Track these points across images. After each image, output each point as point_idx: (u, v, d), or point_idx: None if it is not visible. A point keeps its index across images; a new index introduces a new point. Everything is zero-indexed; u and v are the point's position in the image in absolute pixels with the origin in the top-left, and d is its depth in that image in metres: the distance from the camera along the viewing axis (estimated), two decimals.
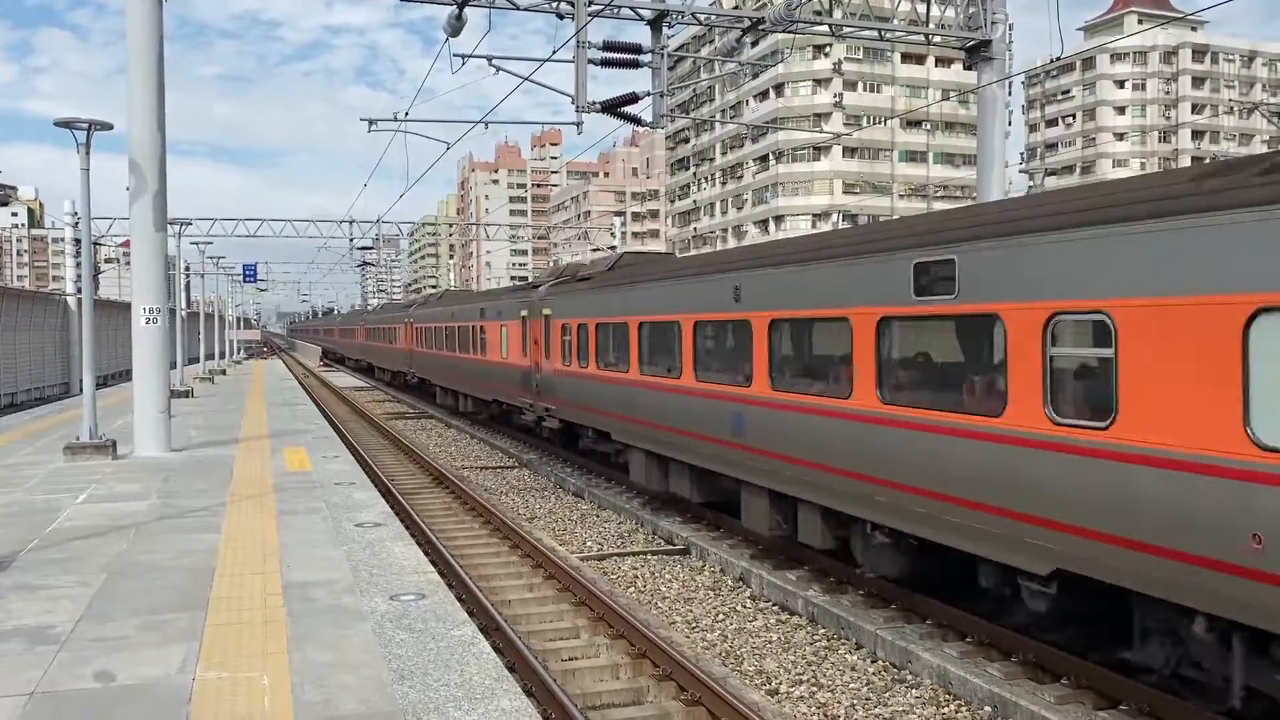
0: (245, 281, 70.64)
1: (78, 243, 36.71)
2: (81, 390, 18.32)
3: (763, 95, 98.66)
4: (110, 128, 16.13)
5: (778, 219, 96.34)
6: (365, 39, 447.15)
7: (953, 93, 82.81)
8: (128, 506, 12.52)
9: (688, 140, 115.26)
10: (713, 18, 21.61)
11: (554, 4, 19.31)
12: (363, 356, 63.78)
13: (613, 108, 20.01)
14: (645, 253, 22.65)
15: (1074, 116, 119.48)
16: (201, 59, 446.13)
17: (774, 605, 11.81)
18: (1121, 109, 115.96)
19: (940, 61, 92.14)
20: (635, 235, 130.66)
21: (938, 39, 21.99)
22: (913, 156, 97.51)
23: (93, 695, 6.22)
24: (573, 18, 19.17)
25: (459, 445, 27.59)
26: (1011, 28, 21.32)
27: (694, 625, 11.15)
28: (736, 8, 26.17)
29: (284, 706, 6.01)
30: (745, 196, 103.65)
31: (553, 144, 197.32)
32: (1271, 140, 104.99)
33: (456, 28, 18.39)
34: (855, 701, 8.90)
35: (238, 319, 78.85)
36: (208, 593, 8.49)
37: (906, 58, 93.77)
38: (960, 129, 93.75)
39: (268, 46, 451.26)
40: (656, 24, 20.05)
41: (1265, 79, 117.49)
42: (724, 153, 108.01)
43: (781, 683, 9.36)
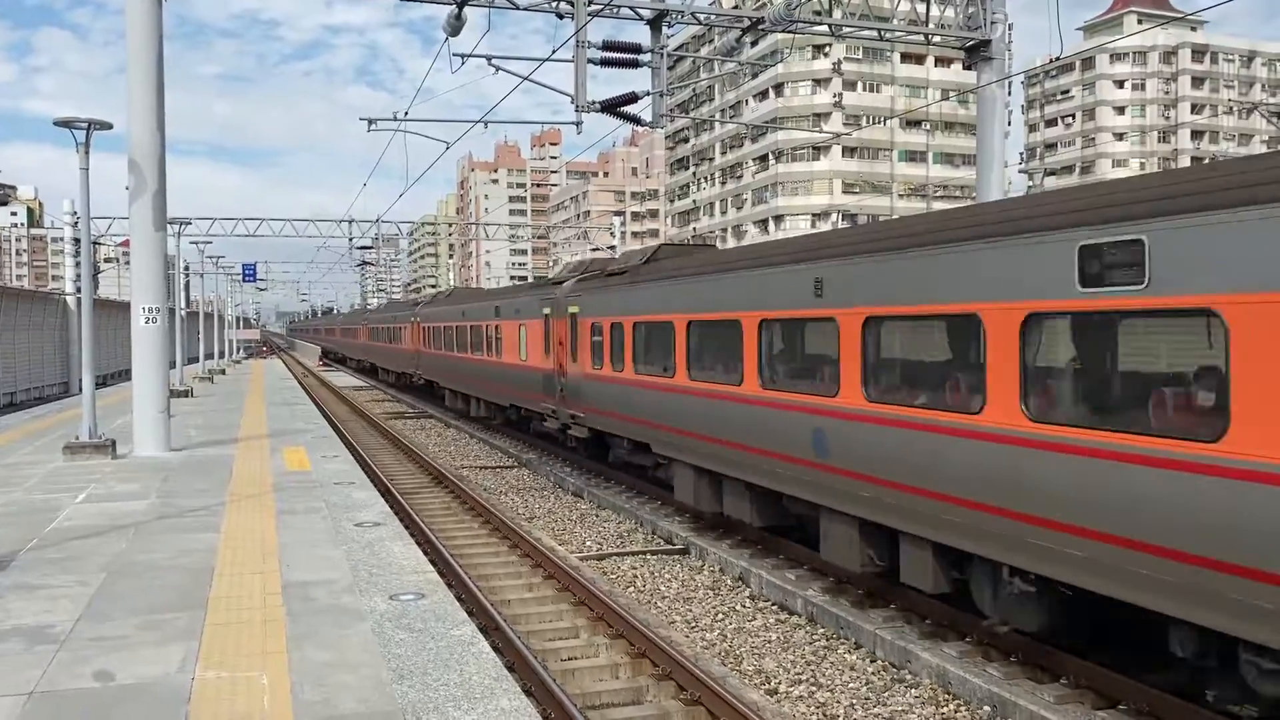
0: (244, 281, 70.58)
1: (77, 242, 36.72)
2: (81, 390, 18.32)
3: (762, 95, 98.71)
4: (110, 127, 16.14)
5: (777, 219, 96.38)
6: (365, 38, 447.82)
7: (952, 93, 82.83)
8: (127, 506, 12.52)
9: (687, 140, 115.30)
10: (712, 17, 21.60)
11: (553, 3, 19.31)
12: (365, 357, 62.15)
13: (612, 107, 20.03)
14: (686, 245, 20.76)
15: (1073, 116, 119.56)
16: (201, 58, 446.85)
17: (773, 605, 11.82)
18: (1121, 109, 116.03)
19: (940, 61, 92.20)
20: (635, 235, 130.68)
21: (937, 39, 22.00)
22: (912, 156, 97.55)
23: (92, 695, 6.22)
24: (572, 17, 19.18)
25: (458, 445, 27.60)
26: (1011, 28, 21.35)
27: (693, 625, 11.16)
28: (736, 7, 26.17)
29: (283, 706, 6.01)
30: (745, 196, 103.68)
31: (552, 144, 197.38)
32: (1271, 140, 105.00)
33: (456, 27, 18.40)
34: (854, 701, 8.91)
35: (237, 318, 78.84)
36: (207, 592, 8.49)
37: (906, 57, 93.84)
38: (960, 129, 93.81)
39: (267, 46, 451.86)
40: (656, 24, 20.07)
41: (1265, 79, 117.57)
42: (723, 152, 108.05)
43: (781, 682, 9.36)
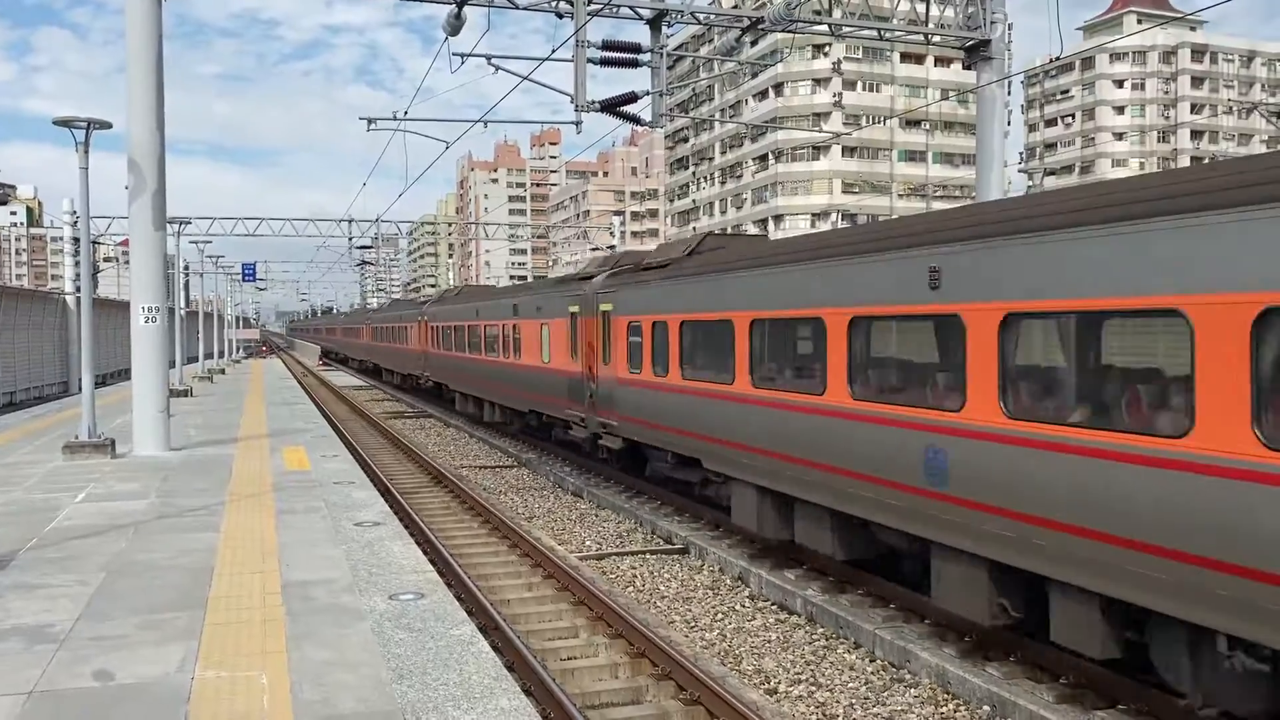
0: (244, 280, 70.56)
1: (76, 241, 36.74)
2: (80, 389, 18.32)
3: (762, 95, 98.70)
4: (109, 126, 16.15)
5: (777, 218, 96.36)
6: (365, 38, 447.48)
7: (952, 92, 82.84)
8: (127, 505, 12.52)
9: (687, 140, 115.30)
10: (712, 17, 21.62)
11: (553, 3, 19.31)
12: (368, 357, 60.14)
13: (612, 107, 20.04)
14: (734, 234, 18.93)
15: (1073, 116, 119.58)
16: (200, 58, 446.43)
17: (773, 604, 11.81)
18: (1120, 109, 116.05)
19: (939, 61, 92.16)
20: (634, 235, 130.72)
21: (937, 39, 22.01)
22: (912, 156, 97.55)
23: (91, 694, 6.22)
24: (572, 17, 19.19)
25: (458, 444, 27.60)
26: (1010, 27, 21.37)
27: (693, 624, 11.16)
28: (735, 7, 26.17)
29: (283, 705, 6.01)
30: (744, 196, 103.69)
31: (552, 143, 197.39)
32: (1271, 140, 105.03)
33: (456, 27, 18.40)
34: (854, 701, 8.91)
35: (236, 318, 78.82)
36: (207, 592, 8.49)
37: (906, 57, 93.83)
38: (959, 129, 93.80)
39: (267, 45, 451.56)
40: (656, 23, 20.09)
41: (1264, 79, 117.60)
42: (723, 152, 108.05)
43: (780, 682, 9.37)
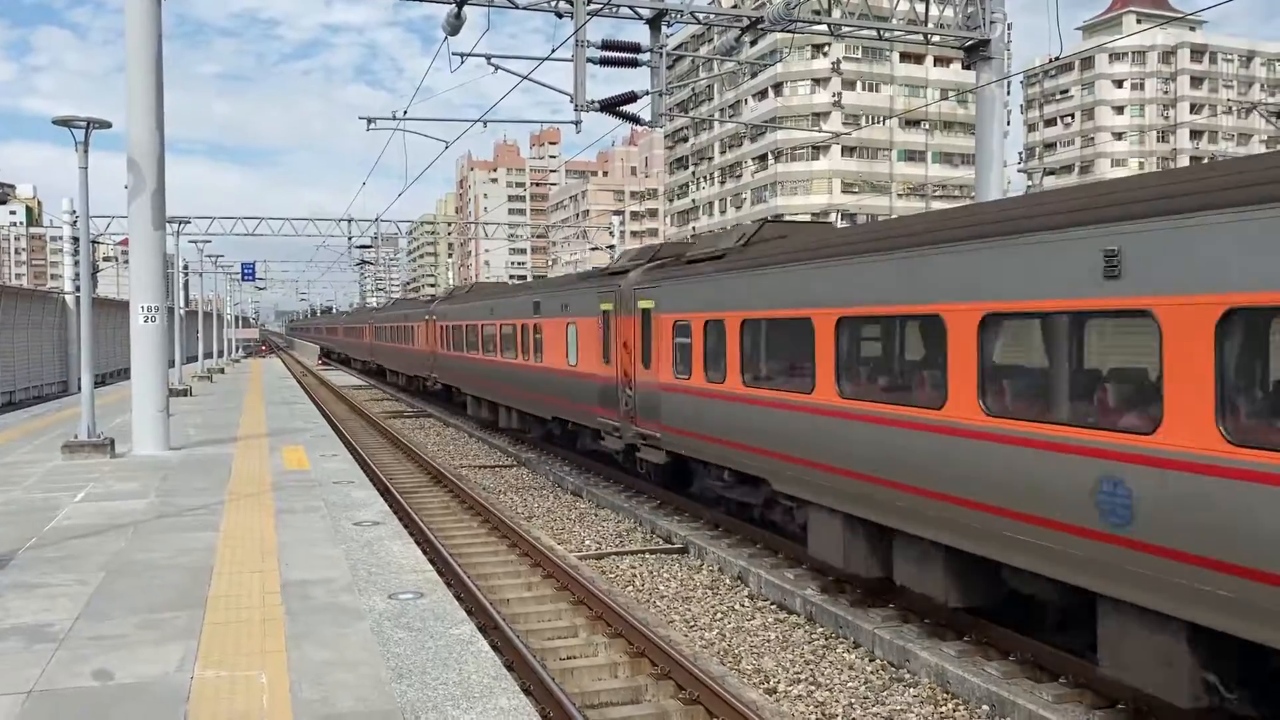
0: (243, 280, 70.59)
1: (76, 241, 36.73)
2: (80, 389, 18.31)
3: (761, 94, 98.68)
4: (109, 126, 16.16)
5: (776, 218, 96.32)
6: (364, 37, 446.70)
7: (951, 92, 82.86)
8: (126, 505, 12.52)
9: (686, 139, 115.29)
10: (711, 17, 21.63)
11: (553, 3, 19.31)
12: (371, 358, 58.10)
13: (611, 106, 20.04)
14: (797, 222, 16.78)
15: (1072, 116, 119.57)
16: (200, 57, 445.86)
17: (772, 604, 11.82)
18: (1120, 108, 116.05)
19: (939, 61, 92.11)
20: (634, 234, 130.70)
21: (936, 38, 22.02)
22: (911, 156, 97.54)
23: (91, 694, 6.22)
24: (571, 16, 19.19)
25: (457, 444, 27.60)
26: (1010, 27, 21.39)
27: (692, 624, 11.16)
28: (735, 7, 26.18)
29: (282, 705, 6.01)
30: (744, 196, 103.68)
31: (551, 143, 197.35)
32: (1270, 140, 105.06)
33: (455, 26, 18.40)
34: (853, 700, 8.91)
35: (236, 317, 78.81)
36: (206, 591, 8.49)
37: (905, 57, 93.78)
38: (959, 128, 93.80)
39: (266, 45, 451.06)
40: (655, 23, 20.09)
41: (1263, 79, 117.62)
42: (723, 152, 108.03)
43: (779, 681, 9.37)
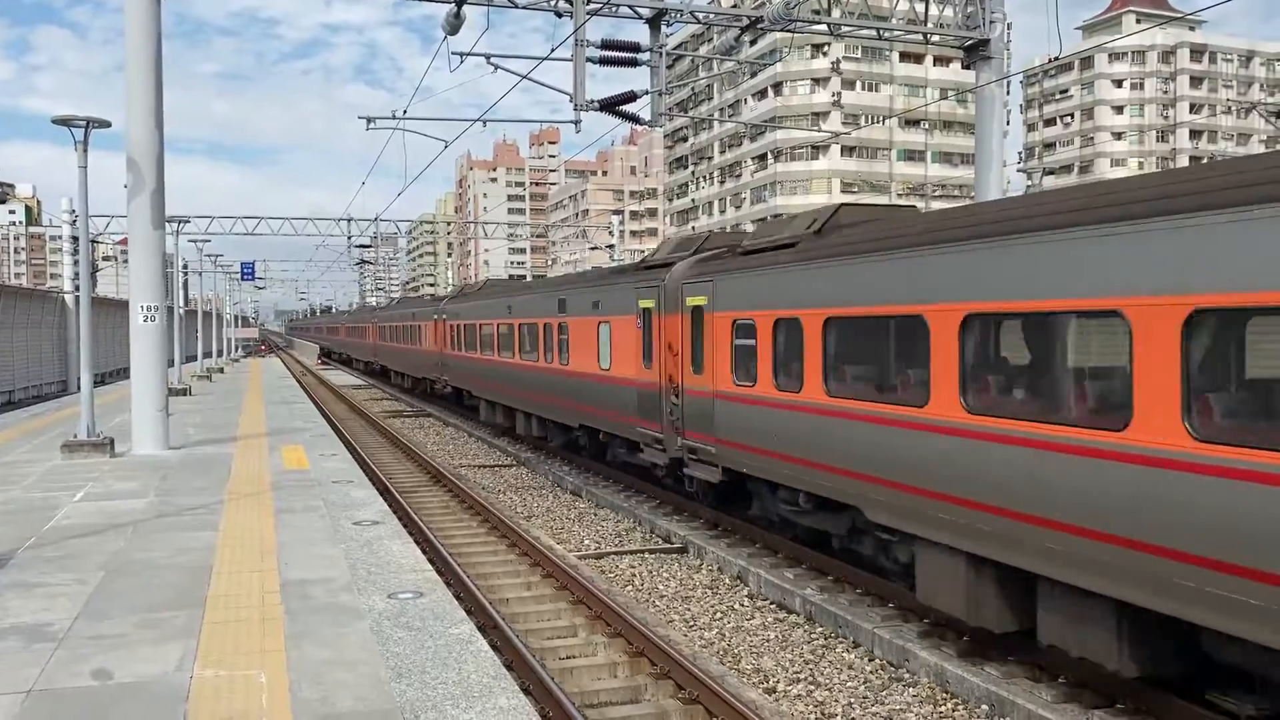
0: (243, 279, 70.63)
1: (75, 240, 36.74)
2: (79, 388, 18.30)
3: (761, 94, 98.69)
4: (108, 125, 16.14)
5: (776, 218, 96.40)
6: (364, 37, 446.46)
7: (951, 92, 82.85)
8: (125, 504, 12.52)
9: (686, 139, 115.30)
10: (711, 16, 21.62)
11: (552, 2, 19.30)
12: (374, 359, 56.35)
13: (611, 106, 20.04)
14: (879, 205, 14.23)
15: (1072, 116, 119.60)
16: (200, 57, 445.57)
17: (771, 603, 11.82)
18: (1119, 108, 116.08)
19: (938, 60, 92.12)
20: (634, 234, 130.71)
21: (936, 38, 22.01)
22: (911, 156, 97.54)
23: (90, 693, 6.22)
24: (571, 16, 19.18)
25: (457, 444, 27.60)
26: (1010, 27, 21.39)
27: (691, 623, 11.16)
28: (735, 6, 26.19)
29: (281, 704, 6.01)
30: (743, 195, 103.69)
31: (551, 142, 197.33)
32: (1270, 140, 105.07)
33: (455, 26, 18.39)
34: (852, 700, 8.91)
35: (235, 317, 78.81)
36: (205, 590, 8.49)
37: (905, 57, 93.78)
38: (958, 128, 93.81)
39: (266, 44, 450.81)
40: (655, 22, 20.08)
41: (1263, 78, 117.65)
42: (722, 151, 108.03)
43: (779, 681, 9.37)
